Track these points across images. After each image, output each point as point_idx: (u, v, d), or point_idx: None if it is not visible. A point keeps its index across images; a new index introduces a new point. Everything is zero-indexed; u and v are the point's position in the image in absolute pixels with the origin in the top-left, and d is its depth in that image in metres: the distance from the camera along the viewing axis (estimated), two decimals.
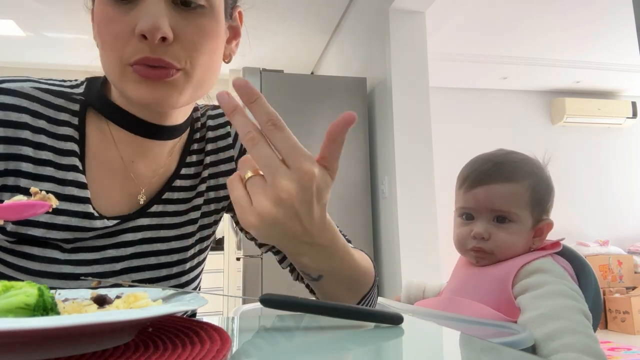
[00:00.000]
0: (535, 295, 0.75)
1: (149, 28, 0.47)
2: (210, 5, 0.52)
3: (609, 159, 4.96)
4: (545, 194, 0.87)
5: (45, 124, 0.55)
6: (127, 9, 0.49)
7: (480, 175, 0.87)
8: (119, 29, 0.49)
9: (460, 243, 0.88)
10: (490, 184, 0.85)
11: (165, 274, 0.63)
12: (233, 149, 0.70)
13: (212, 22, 0.52)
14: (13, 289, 0.28)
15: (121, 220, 0.58)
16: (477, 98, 4.80)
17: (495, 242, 0.84)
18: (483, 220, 0.85)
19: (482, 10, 3.34)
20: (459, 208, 0.90)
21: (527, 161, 0.90)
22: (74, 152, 0.56)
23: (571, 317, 0.70)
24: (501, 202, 0.84)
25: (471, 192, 0.87)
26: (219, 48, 0.56)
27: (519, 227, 0.84)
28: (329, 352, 0.35)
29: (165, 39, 0.48)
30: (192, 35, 0.51)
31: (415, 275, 2.29)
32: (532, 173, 0.87)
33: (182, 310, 0.30)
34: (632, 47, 3.83)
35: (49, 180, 0.54)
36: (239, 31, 0.62)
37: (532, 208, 0.85)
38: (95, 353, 0.28)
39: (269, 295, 0.40)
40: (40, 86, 0.56)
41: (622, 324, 3.93)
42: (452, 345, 0.40)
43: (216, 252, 3.93)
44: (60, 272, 0.54)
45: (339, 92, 2.71)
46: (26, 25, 3.55)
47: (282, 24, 3.57)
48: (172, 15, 0.49)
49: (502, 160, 0.88)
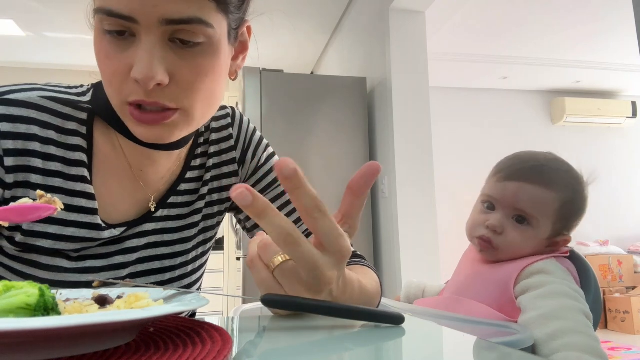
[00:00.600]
0: (535, 295, 0.74)
1: (142, 77, 0.46)
2: (209, 40, 0.49)
3: (609, 159, 4.96)
4: (575, 212, 0.85)
5: (54, 134, 0.54)
6: (124, 46, 0.47)
7: (519, 171, 0.84)
8: (116, 67, 0.48)
9: (472, 229, 0.87)
10: (524, 182, 0.83)
11: (169, 277, 0.63)
12: (235, 151, 0.70)
13: (210, 58, 0.50)
14: (14, 289, 0.28)
15: (127, 227, 0.58)
16: (477, 98, 4.80)
17: (505, 239, 0.82)
18: (502, 214, 0.84)
19: (482, 10, 3.34)
20: (484, 195, 0.88)
21: (571, 174, 0.86)
22: (83, 162, 0.56)
23: (572, 317, 0.70)
24: (528, 204, 0.82)
25: (502, 184, 0.85)
26: (221, 77, 0.54)
27: (535, 233, 0.82)
28: (329, 352, 0.35)
29: (160, 84, 0.47)
30: (189, 76, 0.49)
31: (415, 275, 2.29)
32: (571, 188, 0.84)
33: (183, 311, 0.30)
34: (632, 47, 3.83)
35: (58, 191, 0.54)
36: (247, 45, 0.61)
37: (555, 220, 0.83)
38: (96, 353, 0.28)
39: (270, 295, 0.40)
40: (48, 95, 0.56)
41: (622, 323, 3.93)
42: (452, 345, 0.40)
43: (216, 252, 3.93)
44: (68, 281, 0.54)
45: (339, 92, 2.71)
46: (26, 25, 3.55)
47: (282, 24, 3.57)
48: (168, 56, 0.47)
49: (547, 164, 0.86)
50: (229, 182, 0.70)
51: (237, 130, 0.71)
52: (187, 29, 0.46)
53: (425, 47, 2.53)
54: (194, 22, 0.46)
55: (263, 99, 2.59)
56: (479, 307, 0.77)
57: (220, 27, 0.50)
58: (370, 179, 0.42)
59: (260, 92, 2.59)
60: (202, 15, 0.46)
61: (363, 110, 2.71)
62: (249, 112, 2.55)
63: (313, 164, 2.58)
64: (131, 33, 0.47)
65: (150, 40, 0.46)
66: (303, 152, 2.59)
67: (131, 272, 0.60)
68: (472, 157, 4.58)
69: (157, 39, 0.46)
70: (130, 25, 0.46)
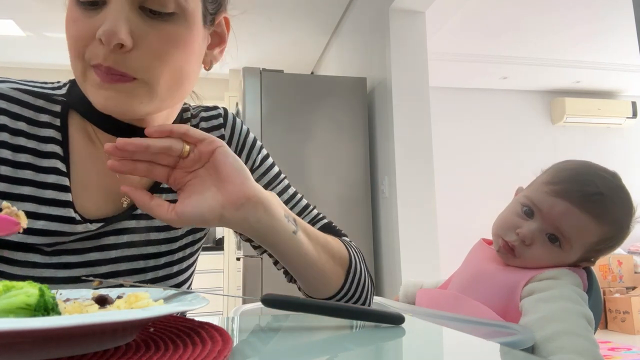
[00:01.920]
0: (537, 298, 0.73)
1: (104, 32, 0.45)
2: (182, 11, 0.49)
3: (609, 159, 4.94)
4: (612, 247, 0.81)
5: (25, 125, 0.53)
6: (93, 13, 0.47)
7: (577, 193, 0.77)
8: (82, 30, 0.47)
9: (501, 229, 0.83)
10: (577, 207, 0.77)
11: (152, 277, 0.61)
12: None
13: (182, 29, 0.49)
14: (14, 289, 0.28)
15: (105, 223, 0.57)
16: (477, 98, 4.80)
17: (530, 252, 0.79)
18: (538, 227, 0.79)
19: (482, 10, 3.34)
20: (527, 198, 0.82)
21: (625, 210, 0.80)
22: (56, 154, 0.54)
23: (571, 319, 0.69)
24: (571, 230, 0.77)
25: (553, 199, 0.78)
26: (193, 56, 0.53)
27: (562, 256, 0.79)
28: (329, 352, 0.35)
29: (123, 46, 0.46)
30: (155, 43, 0.48)
31: (415, 275, 2.29)
32: (619, 225, 0.79)
33: (183, 310, 0.30)
34: (632, 47, 3.83)
35: (28, 183, 0.53)
36: (224, 38, 0.59)
37: (588, 250, 0.79)
38: (96, 353, 0.28)
39: (270, 295, 0.40)
40: (19, 87, 0.55)
41: (622, 324, 3.93)
42: (452, 345, 0.40)
43: (216, 252, 3.93)
44: (41, 277, 0.53)
45: (339, 92, 2.71)
46: (26, 25, 3.55)
47: (282, 24, 3.57)
48: (135, 21, 0.47)
49: (607, 193, 0.78)
50: None
51: (229, 131, 0.69)
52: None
53: (425, 47, 2.53)
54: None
55: (263, 99, 2.59)
56: (482, 310, 0.76)
57: (194, 2, 0.50)
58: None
59: (260, 92, 2.59)
60: None
61: (363, 110, 2.71)
62: (249, 112, 2.55)
63: (313, 164, 2.58)
64: (102, 2, 0.47)
65: (118, 4, 0.46)
66: (303, 152, 2.59)
67: (111, 270, 0.58)
68: (472, 157, 4.58)
69: (126, 4, 0.46)
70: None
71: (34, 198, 0.53)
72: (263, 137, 2.54)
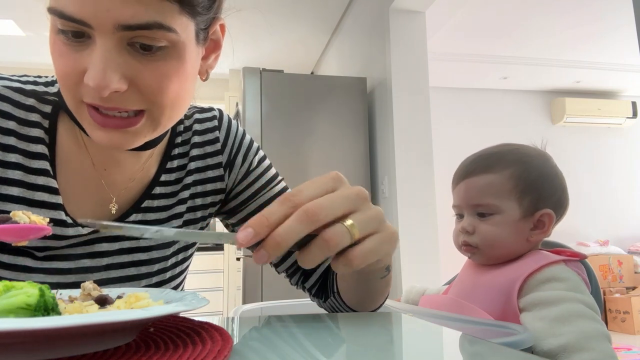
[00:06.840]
0: (551, 317, 0.69)
1: (94, 85, 0.42)
2: (173, 43, 0.45)
3: (609, 159, 4.96)
4: (537, 181, 0.82)
5: (15, 125, 0.52)
6: (79, 47, 0.44)
7: (461, 170, 0.86)
8: (70, 68, 0.44)
9: (454, 240, 0.88)
10: (468, 177, 0.84)
11: (145, 284, 0.60)
12: (222, 155, 0.67)
13: (175, 62, 0.46)
14: (14, 289, 0.28)
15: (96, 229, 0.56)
16: (477, 98, 4.80)
17: (479, 236, 0.81)
18: (469, 216, 0.84)
19: (482, 11, 3.34)
20: (452, 207, 0.89)
21: (515, 151, 0.85)
22: (44, 155, 0.53)
23: (596, 346, 0.65)
24: (478, 195, 0.82)
25: (456, 189, 0.87)
26: (187, 82, 0.50)
27: (503, 218, 0.80)
28: (329, 351, 0.35)
29: (118, 91, 0.44)
30: (151, 80, 0.45)
31: (414, 275, 2.29)
32: (518, 161, 0.82)
33: (183, 311, 0.30)
34: (632, 47, 3.83)
35: (18, 184, 0.52)
36: (220, 43, 0.56)
37: (519, 198, 0.80)
38: (96, 353, 0.28)
39: None
40: (12, 85, 0.54)
41: (622, 324, 3.93)
42: (452, 345, 0.40)
43: (216, 252, 3.93)
44: (32, 282, 0.53)
45: (339, 92, 2.71)
46: (26, 25, 3.55)
47: (282, 24, 3.57)
48: (126, 62, 0.44)
49: (485, 152, 0.87)
50: (214, 186, 0.67)
51: (224, 133, 0.68)
52: (146, 34, 0.43)
53: (425, 47, 2.53)
54: (153, 27, 0.42)
55: (263, 99, 2.59)
56: (482, 316, 0.76)
57: (186, 30, 0.46)
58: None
59: (260, 92, 2.59)
60: (162, 20, 0.43)
61: (363, 110, 2.71)
62: (249, 113, 2.55)
63: (313, 164, 2.58)
64: (88, 35, 0.43)
65: (106, 45, 0.43)
66: (303, 152, 2.59)
67: (103, 277, 0.57)
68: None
69: (114, 44, 0.43)
70: (85, 29, 0.43)
71: (24, 200, 0.52)
72: (263, 137, 2.54)
